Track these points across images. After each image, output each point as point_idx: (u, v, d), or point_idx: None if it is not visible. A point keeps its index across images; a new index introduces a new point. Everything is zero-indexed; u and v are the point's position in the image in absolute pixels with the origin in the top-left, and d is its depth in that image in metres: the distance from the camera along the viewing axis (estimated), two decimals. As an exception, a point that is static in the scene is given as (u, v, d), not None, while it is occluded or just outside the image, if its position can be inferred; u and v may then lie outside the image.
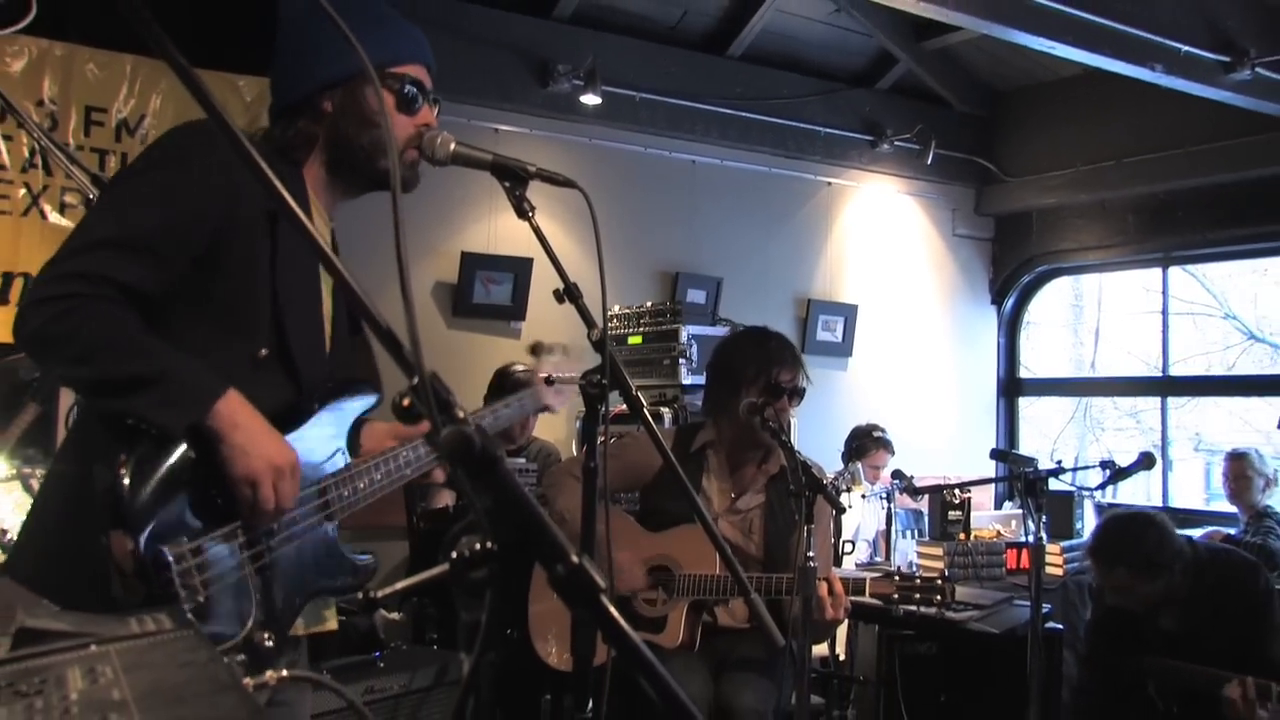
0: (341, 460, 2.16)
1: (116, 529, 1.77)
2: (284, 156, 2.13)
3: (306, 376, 2.09)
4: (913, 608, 3.43)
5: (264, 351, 2.00)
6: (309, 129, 2.14)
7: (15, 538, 3.04)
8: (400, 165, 2.12)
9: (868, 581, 3.45)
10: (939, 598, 3.34)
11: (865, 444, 6.34)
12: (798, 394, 3.71)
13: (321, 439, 2.11)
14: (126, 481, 1.78)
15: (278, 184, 1.18)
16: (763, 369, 3.65)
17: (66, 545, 1.88)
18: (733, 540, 3.69)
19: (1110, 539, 3.82)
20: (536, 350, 2.75)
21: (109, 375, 1.82)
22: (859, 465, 6.27)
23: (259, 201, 1.98)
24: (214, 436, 1.84)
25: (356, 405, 2.21)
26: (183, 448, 1.85)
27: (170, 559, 1.80)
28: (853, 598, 3.38)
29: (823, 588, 3.30)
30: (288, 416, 1.98)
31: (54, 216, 5.28)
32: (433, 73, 2.26)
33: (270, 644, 1.95)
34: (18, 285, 5.18)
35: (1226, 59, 5.96)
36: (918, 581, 3.38)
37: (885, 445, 6.35)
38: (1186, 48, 5.84)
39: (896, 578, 3.45)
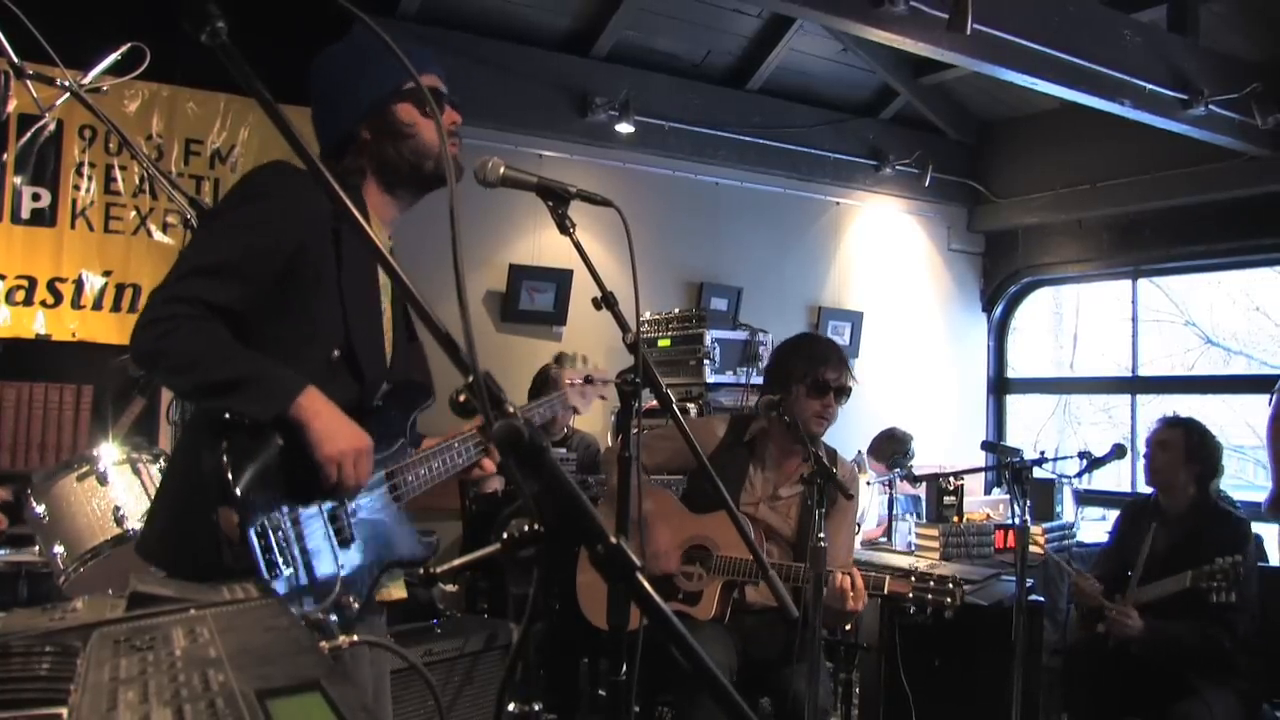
0: (403, 451, 2.19)
1: (223, 505, 1.82)
2: (343, 185, 2.13)
3: (369, 377, 2.12)
4: (925, 609, 3.17)
5: (336, 354, 2.06)
6: (355, 161, 2.18)
7: (127, 514, 3.12)
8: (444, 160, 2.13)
9: (886, 580, 3.28)
10: (949, 600, 3.16)
11: (894, 449, 6.23)
12: (844, 392, 3.63)
13: (384, 432, 2.13)
14: (228, 462, 1.84)
15: (346, 200, 1.19)
16: (810, 368, 3.60)
17: (183, 523, 1.94)
18: (772, 523, 3.64)
19: (1181, 417, 4.48)
20: (560, 360, 2.75)
21: (207, 380, 1.89)
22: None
23: (326, 223, 2.04)
24: (298, 426, 1.90)
25: (413, 403, 2.24)
26: (275, 437, 1.90)
27: (269, 530, 1.86)
28: (870, 592, 3.29)
29: (844, 581, 3.24)
30: (353, 412, 2.01)
31: (158, 235, 5.38)
32: (444, 79, 2.24)
33: (356, 606, 2.00)
34: (128, 295, 5.30)
35: (1184, 96, 5.92)
36: (931, 583, 3.19)
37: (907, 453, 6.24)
38: (1151, 85, 5.79)
39: (913, 578, 3.26)
